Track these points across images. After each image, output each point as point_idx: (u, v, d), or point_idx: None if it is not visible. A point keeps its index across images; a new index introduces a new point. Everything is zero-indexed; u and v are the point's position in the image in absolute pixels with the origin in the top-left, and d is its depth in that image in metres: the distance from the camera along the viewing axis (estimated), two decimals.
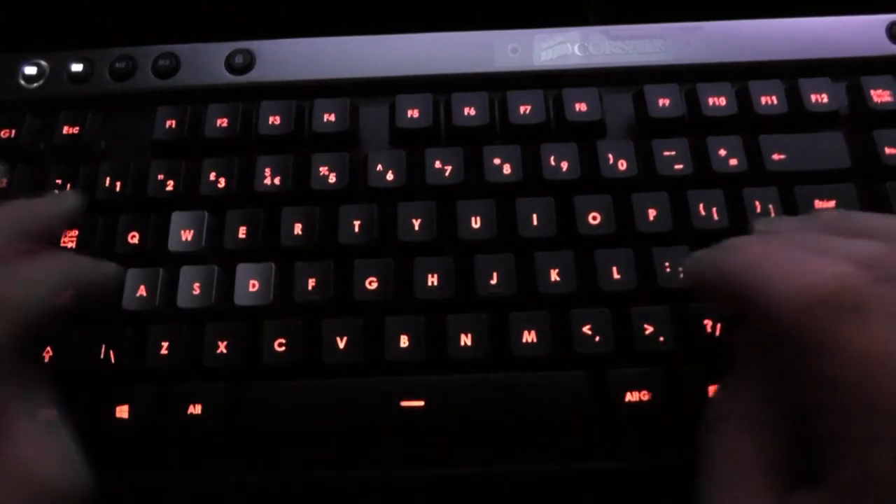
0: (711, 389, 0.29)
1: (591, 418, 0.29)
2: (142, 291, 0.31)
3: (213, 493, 0.30)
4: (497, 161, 0.33)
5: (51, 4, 0.41)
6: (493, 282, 0.30)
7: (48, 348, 0.30)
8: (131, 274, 0.31)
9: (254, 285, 0.31)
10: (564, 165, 0.32)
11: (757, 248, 0.22)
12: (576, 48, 0.35)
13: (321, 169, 0.33)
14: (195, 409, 0.29)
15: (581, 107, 0.34)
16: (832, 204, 0.32)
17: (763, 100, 0.33)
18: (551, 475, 0.30)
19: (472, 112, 0.34)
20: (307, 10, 0.42)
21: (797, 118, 0.33)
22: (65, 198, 0.28)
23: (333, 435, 0.30)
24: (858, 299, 0.19)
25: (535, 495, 0.30)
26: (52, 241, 0.28)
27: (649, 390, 0.29)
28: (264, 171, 0.33)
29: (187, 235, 0.32)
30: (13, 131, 0.34)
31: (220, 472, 0.30)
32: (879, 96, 0.33)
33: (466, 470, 0.29)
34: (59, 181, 0.33)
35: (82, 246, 0.32)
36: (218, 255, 0.32)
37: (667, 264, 0.30)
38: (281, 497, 0.30)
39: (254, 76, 0.36)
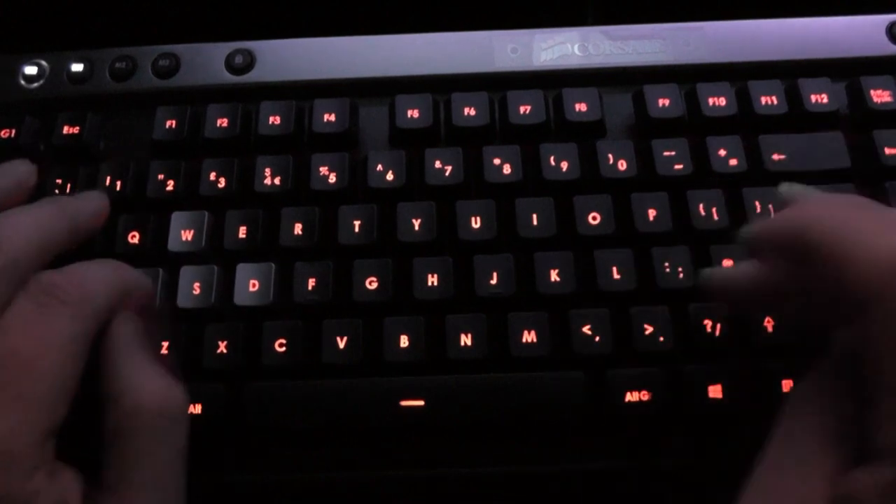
0: (712, 390, 0.29)
1: (591, 418, 0.29)
2: None
3: (213, 494, 0.30)
4: (497, 161, 0.33)
5: (51, 4, 0.41)
6: (493, 282, 0.30)
7: None
8: None
9: (254, 285, 0.31)
10: (564, 165, 0.32)
11: (835, 211, 0.22)
12: (575, 48, 0.35)
13: (321, 169, 0.33)
14: (195, 410, 0.29)
15: (581, 107, 0.34)
16: None
17: (763, 100, 0.33)
18: (551, 475, 0.30)
19: (472, 112, 0.34)
20: (307, 10, 0.42)
21: (797, 118, 0.33)
22: (94, 195, 0.30)
23: (333, 435, 0.30)
24: None
25: (535, 495, 0.30)
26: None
27: (649, 390, 0.29)
28: (264, 172, 0.33)
29: (187, 235, 0.32)
30: (13, 131, 0.34)
31: (220, 473, 0.30)
32: (879, 96, 0.33)
33: (466, 470, 0.29)
34: (59, 181, 0.33)
35: (82, 246, 0.32)
36: (218, 255, 0.32)
37: (666, 264, 0.30)
38: (280, 497, 0.30)
39: (254, 76, 0.36)
